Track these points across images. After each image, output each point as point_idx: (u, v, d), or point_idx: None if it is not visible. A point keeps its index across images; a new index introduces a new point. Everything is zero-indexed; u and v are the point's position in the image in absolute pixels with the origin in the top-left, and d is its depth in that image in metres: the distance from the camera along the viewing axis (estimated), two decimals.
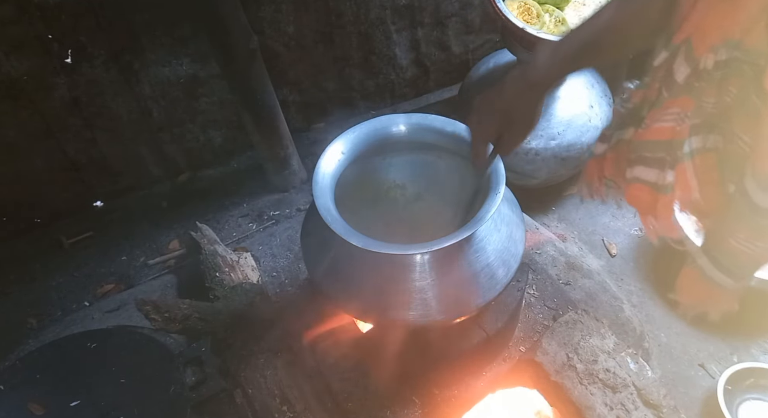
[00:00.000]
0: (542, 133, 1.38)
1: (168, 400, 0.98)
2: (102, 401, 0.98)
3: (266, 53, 1.41)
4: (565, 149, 1.38)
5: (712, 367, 1.20)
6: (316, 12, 1.51)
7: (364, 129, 0.84)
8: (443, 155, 0.87)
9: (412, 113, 0.86)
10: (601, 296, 1.20)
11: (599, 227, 1.52)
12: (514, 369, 0.97)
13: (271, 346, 1.04)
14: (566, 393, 0.90)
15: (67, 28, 1.25)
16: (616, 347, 0.95)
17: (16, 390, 1.00)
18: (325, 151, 0.81)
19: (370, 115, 0.86)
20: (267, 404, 0.96)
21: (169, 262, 1.45)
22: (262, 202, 1.60)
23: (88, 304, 1.36)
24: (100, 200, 1.57)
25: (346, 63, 1.66)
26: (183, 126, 1.56)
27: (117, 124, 1.45)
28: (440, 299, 0.75)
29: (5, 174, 1.39)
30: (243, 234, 1.51)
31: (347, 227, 0.71)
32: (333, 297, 0.80)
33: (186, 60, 1.44)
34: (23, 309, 1.36)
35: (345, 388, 0.94)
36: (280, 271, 1.33)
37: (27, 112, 1.32)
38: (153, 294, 1.30)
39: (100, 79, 1.36)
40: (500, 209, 0.79)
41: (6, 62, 1.23)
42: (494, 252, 0.78)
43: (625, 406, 0.88)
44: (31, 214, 1.50)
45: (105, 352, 1.07)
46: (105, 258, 1.48)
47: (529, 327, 1.03)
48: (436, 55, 1.77)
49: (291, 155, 1.57)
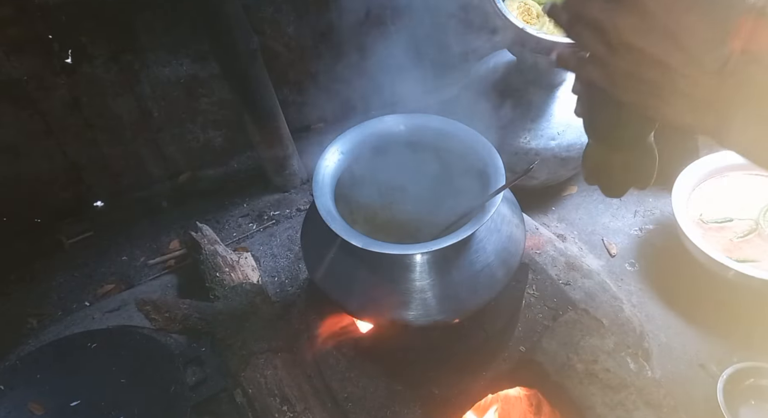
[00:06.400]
0: (542, 133, 1.38)
1: (168, 400, 0.98)
2: (102, 401, 0.98)
3: (266, 53, 1.41)
4: (565, 149, 1.38)
5: (712, 367, 1.20)
6: (316, 13, 1.52)
7: (364, 129, 0.84)
8: (443, 155, 0.87)
9: (412, 113, 0.86)
10: (601, 296, 1.20)
11: (599, 227, 1.52)
12: (514, 369, 0.97)
13: (271, 346, 1.04)
14: (566, 393, 0.90)
15: (67, 28, 1.25)
16: (616, 347, 0.95)
17: (16, 390, 1.00)
18: (325, 152, 0.81)
19: (370, 115, 0.86)
20: (267, 404, 0.96)
21: (169, 262, 1.45)
22: (262, 202, 1.60)
23: (88, 304, 1.36)
24: (100, 200, 1.57)
25: (346, 63, 1.66)
26: (183, 126, 1.56)
27: (117, 124, 1.45)
28: (440, 299, 0.76)
29: (5, 174, 1.39)
30: (243, 234, 1.51)
31: (347, 227, 0.71)
32: (333, 297, 0.80)
33: (186, 60, 1.44)
34: (23, 309, 1.36)
35: (345, 388, 0.94)
36: (280, 271, 1.33)
37: (27, 112, 1.32)
38: (153, 294, 1.30)
39: (100, 79, 1.36)
40: (500, 209, 0.79)
41: (6, 62, 1.23)
42: (494, 252, 0.78)
43: (625, 406, 0.88)
44: (31, 214, 1.50)
45: (105, 352, 1.07)
46: (105, 258, 1.48)
47: (529, 327, 1.03)
48: (436, 55, 1.77)
49: (291, 155, 1.57)
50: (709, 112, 0.41)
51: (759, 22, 0.37)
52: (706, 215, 1.36)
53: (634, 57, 0.42)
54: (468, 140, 0.82)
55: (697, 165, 1.41)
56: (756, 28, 0.37)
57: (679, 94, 0.42)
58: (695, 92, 0.41)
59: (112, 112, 1.43)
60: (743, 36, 0.37)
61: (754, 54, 0.37)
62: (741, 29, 0.37)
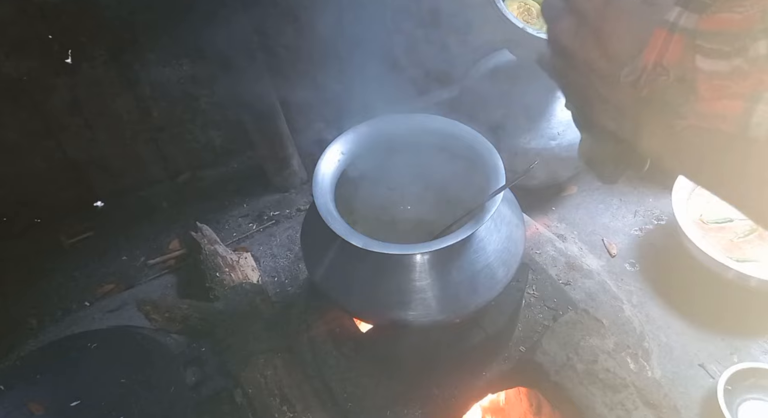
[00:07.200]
0: (542, 133, 1.38)
1: (168, 400, 0.98)
2: (102, 401, 0.98)
3: (266, 53, 1.41)
4: (565, 149, 1.38)
5: (712, 367, 1.20)
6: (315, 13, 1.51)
7: (364, 129, 0.84)
8: (443, 155, 0.87)
9: (412, 113, 0.86)
10: (601, 296, 1.20)
11: (599, 227, 1.52)
12: (514, 369, 0.97)
13: (271, 346, 1.04)
14: (566, 393, 0.90)
15: (67, 28, 1.25)
16: (616, 347, 0.95)
17: (16, 390, 1.00)
18: (325, 151, 0.81)
19: (370, 116, 0.86)
20: (267, 404, 0.96)
21: (169, 262, 1.45)
22: (262, 203, 1.60)
23: (88, 304, 1.36)
24: (100, 200, 1.57)
25: (346, 63, 1.66)
26: (183, 126, 1.56)
27: (117, 124, 1.45)
28: (440, 299, 0.76)
29: (5, 174, 1.39)
30: (243, 234, 1.51)
31: (347, 227, 0.71)
32: (333, 297, 0.80)
33: (186, 60, 1.44)
34: (23, 309, 1.36)
35: (345, 388, 0.94)
36: (280, 271, 1.33)
37: (27, 112, 1.32)
38: (153, 294, 1.31)
39: (100, 79, 1.36)
40: (500, 209, 0.79)
41: (6, 62, 1.23)
42: (494, 252, 0.78)
43: (625, 406, 0.88)
44: (31, 214, 1.50)
45: (105, 352, 1.07)
46: (105, 258, 1.48)
47: (529, 327, 1.03)
48: (436, 55, 1.77)
49: (291, 155, 1.57)
50: (626, 119, 0.43)
51: (671, 37, 0.37)
52: (706, 215, 1.36)
53: (566, 59, 0.45)
54: (468, 140, 0.82)
55: None
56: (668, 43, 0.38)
57: (602, 100, 0.44)
58: (614, 100, 0.43)
59: (112, 112, 1.43)
60: (655, 49, 0.38)
61: (665, 67, 0.38)
62: (655, 42, 0.38)
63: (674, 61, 0.38)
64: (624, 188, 1.60)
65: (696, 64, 0.37)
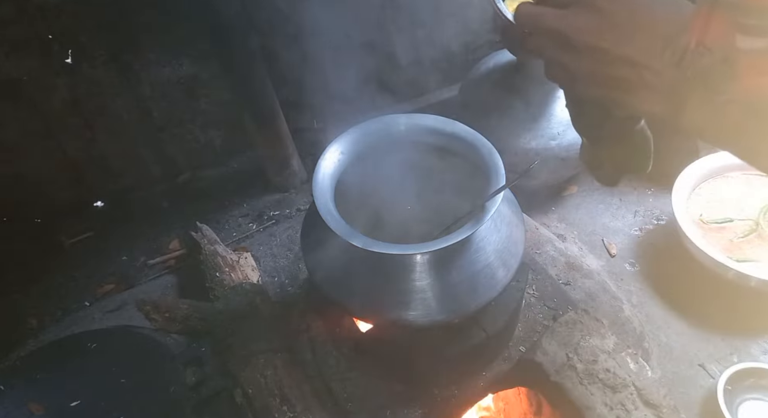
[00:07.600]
0: (542, 133, 1.38)
1: (168, 400, 0.98)
2: (102, 401, 0.98)
3: (266, 53, 1.41)
4: (565, 149, 1.38)
5: (712, 367, 1.20)
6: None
7: (364, 129, 0.84)
8: (443, 155, 0.87)
9: (412, 113, 0.86)
10: (601, 296, 1.20)
11: (599, 227, 1.52)
12: (514, 369, 0.97)
13: (271, 346, 1.04)
14: (566, 393, 0.90)
15: (67, 28, 1.25)
16: (616, 347, 0.95)
17: (16, 390, 1.00)
18: (325, 151, 0.81)
19: (370, 115, 0.86)
20: (267, 404, 0.96)
21: (169, 262, 1.45)
22: (262, 203, 1.60)
23: (88, 304, 1.36)
24: (100, 200, 1.57)
25: (346, 63, 1.66)
26: (183, 126, 1.56)
27: (117, 124, 1.45)
28: (440, 299, 0.76)
29: (5, 174, 1.39)
30: (243, 234, 1.51)
31: (347, 227, 0.71)
32: (333, 297, 0.80)
33: (186, 60, 1.44)
34: (23, 309, 1.36)
35: (345, 388, 0.94)
36: (280, 271, 1.33)
37: (27, 112, 1.32)
38: (153, 294, 1.30)
39: (100, 79, 1.36)
40: (500, 209, 0.79)
41: (6, 62, 1.23)
42: (494, 252, 0.78)
43: (625, 406, 0.88)
44: (31, 214, 1.50)
45: (105, 352, 1.07)
46: (105, 258, 1.48)
47: (529, 327, 1.03)
48: (436, 55, 1.77)
49: (291, 155, 1.57)
50: (671, 100, 0.44)
51: (710, 16, 0.39)
52: (706, 215, 1.36)
53: (598, 57, 0.45)
54: (468, 140, 0.82)
55: (697, 165, 1.41)
56: (707, 22, 0.39)
57: (644, 86, 0.45)
58: (658, 84, 0.44)
59: (112, 112, 1.43)
60: (697, 30, 0.40)
61: (707, 46, 0.40)
62: (695, 24, 0.40)
63: (717, 40, 0.39)
64: (624, 188, 1.60)
65: (737, 44, 0.38)
